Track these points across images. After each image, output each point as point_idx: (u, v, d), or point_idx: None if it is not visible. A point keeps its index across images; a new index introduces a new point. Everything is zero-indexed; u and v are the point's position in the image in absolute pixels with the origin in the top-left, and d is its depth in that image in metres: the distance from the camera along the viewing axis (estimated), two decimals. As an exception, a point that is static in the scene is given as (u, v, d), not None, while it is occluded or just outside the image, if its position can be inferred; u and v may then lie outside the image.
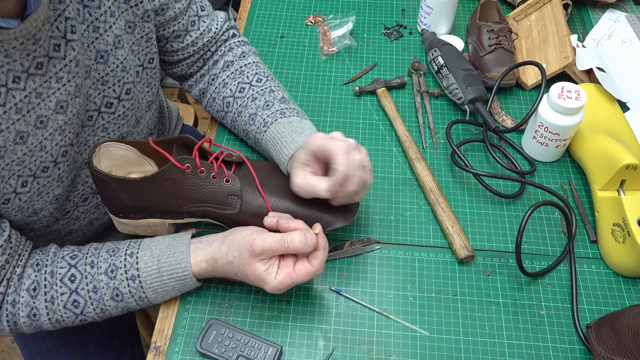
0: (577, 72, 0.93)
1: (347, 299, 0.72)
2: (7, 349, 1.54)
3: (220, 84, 0.82)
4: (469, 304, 0.72)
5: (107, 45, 0.67)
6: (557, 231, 0.79)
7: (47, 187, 0.66)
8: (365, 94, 0.96)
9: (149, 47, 0.74)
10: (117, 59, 0.69)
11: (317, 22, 1.07)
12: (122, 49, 0.69)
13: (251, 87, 0.79)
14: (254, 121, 0.77)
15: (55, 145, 0.64)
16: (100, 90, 0.69)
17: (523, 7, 1.03)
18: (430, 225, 0.79)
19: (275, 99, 0.78)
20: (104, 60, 0.68)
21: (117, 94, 0.71)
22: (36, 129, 0.62)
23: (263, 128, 0.76)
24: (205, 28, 0.80)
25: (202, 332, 0.67)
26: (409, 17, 1.10)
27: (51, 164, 0.65)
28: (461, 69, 0.90)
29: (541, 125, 0.81)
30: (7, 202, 0.62)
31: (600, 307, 0.72)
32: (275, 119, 0.75)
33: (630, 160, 0.71)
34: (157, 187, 0.67)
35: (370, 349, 0.68)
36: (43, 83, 0.61)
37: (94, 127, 0.71)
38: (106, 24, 0.67)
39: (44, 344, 0.86)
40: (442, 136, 0.90)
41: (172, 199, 0.68)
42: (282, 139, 0.72)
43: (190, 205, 0.69)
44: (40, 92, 0.61)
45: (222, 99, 0.81)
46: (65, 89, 0.63)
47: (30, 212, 0.66)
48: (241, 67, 0.82)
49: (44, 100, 0.61)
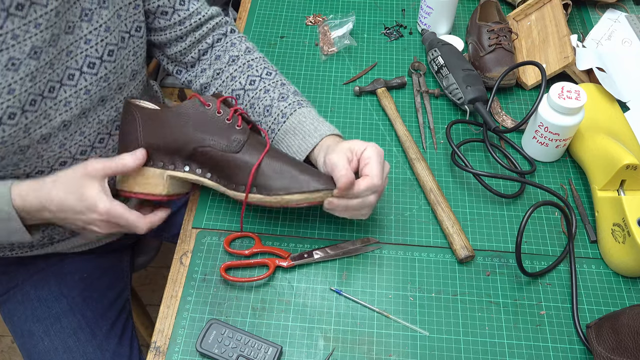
0: (577, 72, 0.93)
1: (347, 299, 0.72)
2: (7, 349, 1.54)
3: (228, 77, 0.82)
4: (469, 304, 0.72)
5: (92, 3, 0.69)
6: (557, 231, 0.79)
7: (12, 137, 0.66)
8: (365, 94, 0.96)
9: (137, 15, 0.75)
10: (100, 18, 0.70)
11: (317, 22, 1.07)
12: (107, 9, 0.70)
13: (262, 80, 0.80)
14: (270, 112, 0.78)
15: (24, 92, 0.64)
16: (83, 49, 0.69)
17: (523, 7, 1.03)
18: (430, 225, 0.79)
19: (289, 92, 0.80)
20: (88, 18, 0.69)
21: (100, 54, 0.71)
22: (7, 71, 0.61)
23: (281, 119, 0.77)
24: (194, 10, 0.81)
25: (202, 332, 0.67)
26: (409, 17, 1.10)
27: (18, 111, 0.64)
28: (461, 69, 0.90)
29: (541, 125, 0.81)
30: None
31: (600, 307, 0.72)
32: (294, 110, 0.77)
33: (630, 160, 0.71)
34: (174, 120, 0.70)
35: (370, 349, 0.68)
36: (22, 26, 0.61)
37: (76, 87, 0.70)
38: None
39: (42, 343, 0.86)
40: (442, 136, 0.90)
41: (183, 135, 0.70)
42: (304, 127, 0.75)
43: (197, 144, 0.70)
44: (17, 34, 0.61)
45: (230, 91, 0.82)
46: (41, 36, 0.63)
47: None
48: (248, 61, 0.82)
49: (19, 43, 0.62)
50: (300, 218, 0.79)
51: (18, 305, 0.89)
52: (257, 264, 0.74)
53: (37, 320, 0.87)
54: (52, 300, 0.89)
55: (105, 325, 0.90)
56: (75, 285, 0.91)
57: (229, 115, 0.71)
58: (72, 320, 0.88)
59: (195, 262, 0.75)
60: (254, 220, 0.79)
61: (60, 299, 0.89)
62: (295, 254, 0.75)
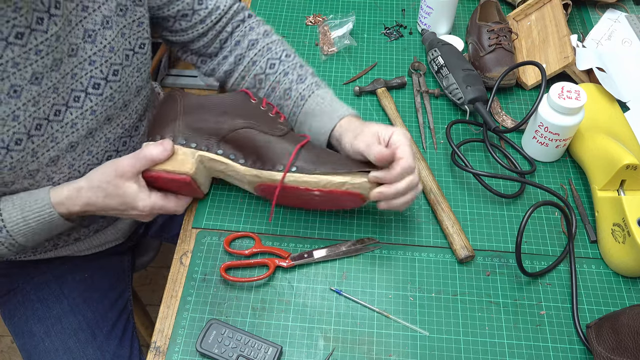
0: (577, 72, 0.93)
1: (347, 299, 0.72)
2: (7, 349, 1.54)
3: (249, 62, 0.83)
4: (469, 304, 0.72)
5: (95, 24, 0.68)
6: (557, 231, 0.79)
7: (21, 162, 0.66)
8: (365, 94, 0.96)
9: (140, 32, 0.75)
10: (104, 39, 0.70)
11: (317, 22, 1.07)
12: (111, 29, 0.70)
13: (281, 62, 0.81)
14: (289, 96, 0.79)
15: (29, 117, 0.64)
16: (88, 70, 0.69)
17: (523, 7, 1.03)
18: (430, 225, 0.79)
19: (308, 73, 0.81)
20: (92, 39, 0.68)
21: (104, 74, 0.71)
22: (9, 98, 0.62)
23: (300, 102, 0.78)
24: (213, 7, 0.81)
25: (202, 332, 0.67)
26: (409, 17, 1.10)
27: (24, 136, 0.65)
28: (461, 69, 0.90)
29: (541, 125, 0.81)
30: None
31: (600, 307, 0.72)
32: (312, 92, 0.78)
33: (630, 160, 0.71)
34: (219, 104, 0.73)
35: (370, 349, 0.68)
36: (22, 54, 0.61)
37: (82, 108, 0.71)
38: (95, 4, 0.68)
39: (42, 344, 0.86)
40: (442, 136, 0.90)
41: (227, 113, 0.72)
42: (323, 109, 0.76)
43: (240, 119, 0.72)
44: (17, 62, 0.61)
45: (252, 76, 0.83)
46: (42, 62, 0.63)
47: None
48: (267, 44, 0.83)
49: (19, 70, 0.62)
50: (300, 218, 0.79)
51: (18, 306, 0.89)
52: (257, 264, 0.74)
53: (38, 321, 0.87)
54: (53, 301, 0.89)
55: (106, 326, 0.90)
56: (76, 286, 0.91)
57: (273, 111, 0.74)
58: (73, 321, 0.88)
59: (195, 262, 0.75)
60: (254, 220, 0.79)
61: (61, 299, 0.89)
62: (295, 254, 0.75)
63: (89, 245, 0.89)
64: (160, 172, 0.69)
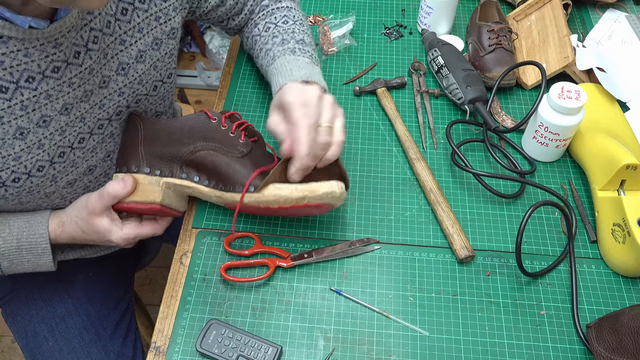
0: (577, 72, 0.93)
1: (347, 299, 0.72)
2: (7, 349, 1.54)
3: (252, 24, 0.87)
4: (469, 304, 0.72)
5: (130, 58, 0.69)
6: (557, 231, 0.79)
7: (39, 187, 0.67)
8: (365, 94, 0.96)
9: (170, 63, 0.77)
10: (136, 72, 0.71)
11: (317, 22, 1.07)
12: (143, 63, 0.71)
13: (276, 27, 0.83)
14: (267, 55, 0.81)
15: (54, 145, 0.65)
16: (116, 101, 0.71)
17: (523, 7, 1.03)
18: (430, 225, 0.79)
19: (293, 39, 0.81)
20: (125, 72, 0.70)
21: (128, 102, 0.73)
22: (38, 127, 0.62)
23: (271, 61, 0.79)
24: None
25: (202, 332, 0.68)
26: (409, 17, 1.10)
27: (47, 164, 0.65)
28: (461, 69, 0.90)
29: (541, 125, 0.81)
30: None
31: (600, 307, 0.72)
32: (284, 55, 0.78)
33: (630, 160, 0.71)
34: (178, 128, 0.72)
35: (370, 349, 0.68)
36: (56, 86, 0.62)
37: (103, 134, 0.72)
38: (132, 38, 0.69)
39: (46, 344, 0.86)
40: (442, 136, 0.90)
41: (187, 137, 0.72)
42: (282, 70, 0.75)
43: (201, 141, 0.71)
44: (50, 94, 0.62)
45: (251, 37, 0.87)
46: (74, 93, 0.64)
47: (15, 204, 0.68)
48: (272, 9, 0.86)
49: (51, 102, 0.62)
50: (300, 218, 0.79)
51: (22, 306, 0.89)
52: (257, 264, 0.74)
53: (42, 321, 0.87)
54: (57, 301, 0.89)
55: (110, 326, 0.90)
56: (80, 286, 0.91)
57: (233, 130, 0.73)
58: (77, 321, 0.88)
59: (195, 262, 0.75)
60: (254, 220, 0.79)
61: (65, 299, 0.89)
62: (295, 254, 0.75)
63: (97, 250, 0.89)
64: (131, 204, 0.71)
